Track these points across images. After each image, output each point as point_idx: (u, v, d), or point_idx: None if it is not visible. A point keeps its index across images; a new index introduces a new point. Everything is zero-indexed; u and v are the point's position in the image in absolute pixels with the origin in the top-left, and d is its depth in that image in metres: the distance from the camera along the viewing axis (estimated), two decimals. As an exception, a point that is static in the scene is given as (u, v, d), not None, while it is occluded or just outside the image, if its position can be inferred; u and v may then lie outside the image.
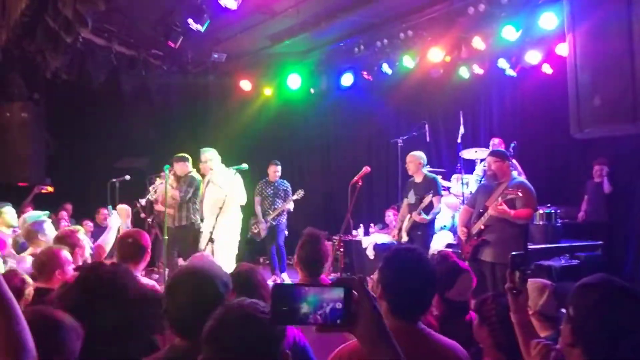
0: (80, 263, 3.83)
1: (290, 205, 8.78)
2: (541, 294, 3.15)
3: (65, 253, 3.59)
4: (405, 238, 6.83)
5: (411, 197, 6.93)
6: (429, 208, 6.71)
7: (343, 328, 1.21)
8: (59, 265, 3.47)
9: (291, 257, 6.12)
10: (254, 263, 6.95)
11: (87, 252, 4.20)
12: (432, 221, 6.94)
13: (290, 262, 7.05)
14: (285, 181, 8.94)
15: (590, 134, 2.19)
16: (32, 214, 5.25)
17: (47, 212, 5.28)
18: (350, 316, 1.18)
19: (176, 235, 7.39)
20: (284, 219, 8.89)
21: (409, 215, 6.85)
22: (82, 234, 4.27)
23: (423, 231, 6.77)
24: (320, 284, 1.17)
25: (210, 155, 7.48)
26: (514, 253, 2.14)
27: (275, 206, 8.74)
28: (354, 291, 1.20)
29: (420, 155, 7.02)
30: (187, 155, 7.63)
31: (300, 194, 8.70)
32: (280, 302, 1.19)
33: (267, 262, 9.20)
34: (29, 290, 3.24)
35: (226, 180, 7.16)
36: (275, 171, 8.79)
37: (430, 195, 6.65)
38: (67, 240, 4.00)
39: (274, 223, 8.75)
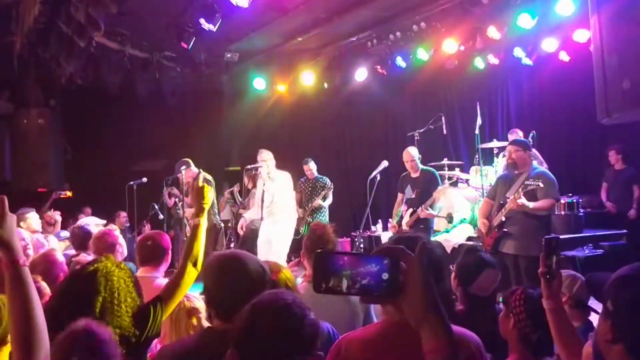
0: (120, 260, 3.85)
1: (324, 202, 8.48)
2: (574, 282, 3.16)
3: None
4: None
5: (408, 192, 6.88)
6: (431, 202, 6.64)
7: (388, 299, 1.15)
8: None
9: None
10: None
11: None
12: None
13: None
14: (324, 177, 8.66)
15: (619, 119, 2.11)
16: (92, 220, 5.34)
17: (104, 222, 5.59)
18: (397, 287, 1.12)
19: None
20: (322, 216, 8.56)
21: (410, 210, 6.80)
22: (118, 231, 4.30)
23: (425, 224, 6.73)
24: (364, 253, 1.14)
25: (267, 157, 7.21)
26: (547, 237, 2.06)
27: (312, 203, 8.62)
28: (401, 262, 1.13)
29: (415, 151, 6.94)
30: (188, 160, 7.57)
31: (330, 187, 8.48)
32: (323, 272, 1.14)
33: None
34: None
35: (277, 183, 7.06)
36: (307, 169, 8.65)
37: (445, 187, 6.67)
38: (106, 238, 3.99)
39: (309, 220, 8.44)
